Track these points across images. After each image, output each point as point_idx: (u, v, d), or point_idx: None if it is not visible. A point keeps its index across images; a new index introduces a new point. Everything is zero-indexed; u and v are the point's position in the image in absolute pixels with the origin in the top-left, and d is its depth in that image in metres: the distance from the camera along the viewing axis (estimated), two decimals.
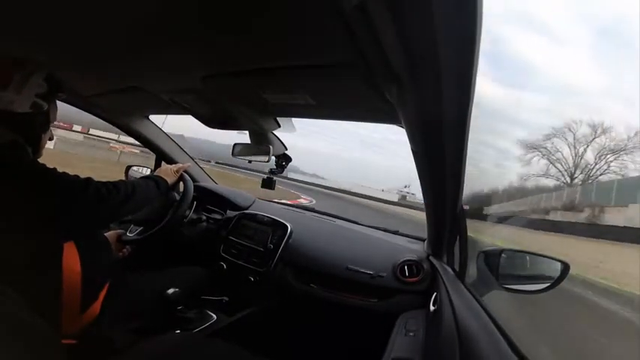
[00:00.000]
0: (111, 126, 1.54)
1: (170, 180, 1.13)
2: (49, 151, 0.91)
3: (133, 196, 0.87)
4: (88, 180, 0.79)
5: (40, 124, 0.81)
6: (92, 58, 0.84)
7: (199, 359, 0.77)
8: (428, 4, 0.35)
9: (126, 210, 0.88)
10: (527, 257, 0.95)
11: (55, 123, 0.87)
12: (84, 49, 0.78)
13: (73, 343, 0.83)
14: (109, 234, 1.21)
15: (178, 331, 1.07)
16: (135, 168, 1.60)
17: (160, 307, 1.09)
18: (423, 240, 1.42)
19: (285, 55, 0.66)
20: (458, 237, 0.97)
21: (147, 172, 1.57)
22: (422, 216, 1.14)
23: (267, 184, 1.39)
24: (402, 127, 0.77)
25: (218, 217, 1.54)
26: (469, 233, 0.96)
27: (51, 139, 0.89)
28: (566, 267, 0.85)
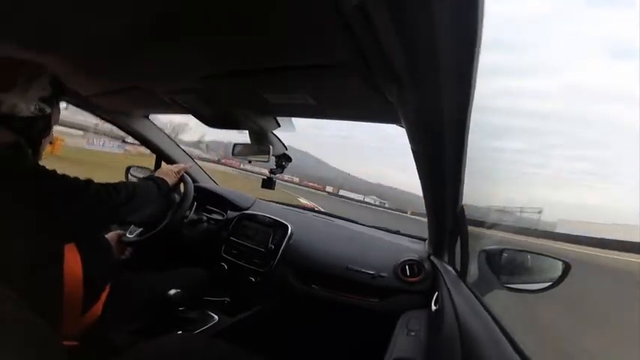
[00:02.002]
0: None
1: (171, 181, 1.12)
2: None
3: (133, 197, 0.87)
4: (88, 182, 0.79)
5: (41, 128, 0.80)
6: (92, 58, 0.84)
7: None
8: (428, 3, 0.35)
9: (126, 211, 0.88)
10: (529, 256, 0.95)
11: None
12: (84, 48, 0.78)
13: (74, 344, 0.83)
14: (110, 235, 1.21)
15: (180, 332, 1.07)
16: (135, 168, 1.60)
17: (162, 309, 1.09)
18: (424, 240, 1.42)
19: (285, 55, 0.66)
20: (459, 236, 0.96)
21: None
22: None
23: (268, 184, 1.39)
24: (402, 127, 0.77)
25: (218, 217, 1.54)
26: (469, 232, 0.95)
27: (51, 142, 0.88)
28: (567, 266, 0.85)
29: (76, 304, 0.82)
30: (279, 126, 1.17)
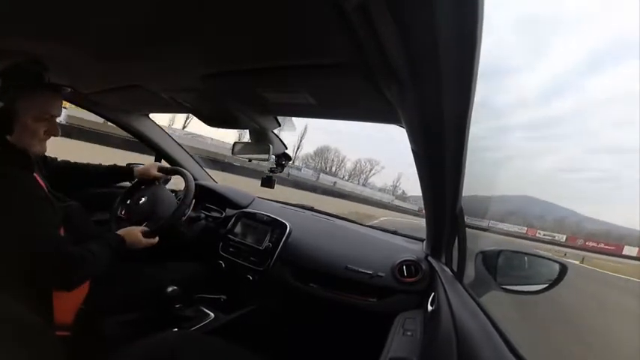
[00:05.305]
0: None
1: (134, 245, 1.01)
2: None
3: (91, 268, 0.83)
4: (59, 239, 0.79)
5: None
6: (92, 56, 0.83)
7: (197, 357, 0.77)
8: (428, 4, 0.35)
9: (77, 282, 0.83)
10: (526, 258, 0.95)
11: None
12: (84, 46, 0.78)
13: (67, 335, 0.83)
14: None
15: (176, 329, 1.07)
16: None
17: (158, 303, 1.09)
18: (422, 240, 1.43)
19: (285, 55, 0.66)
20: (456, 237, 0.97)
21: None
22: None
23: (267, 182, 1.39)
24: (402, 127, 0.77)
25: (217, 215, 1.54)
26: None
27: (55, 135, 0.86)
28: (563, 268, 0.85)
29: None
30: (280, 125, 1.18)
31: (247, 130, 1.26)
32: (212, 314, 1.26)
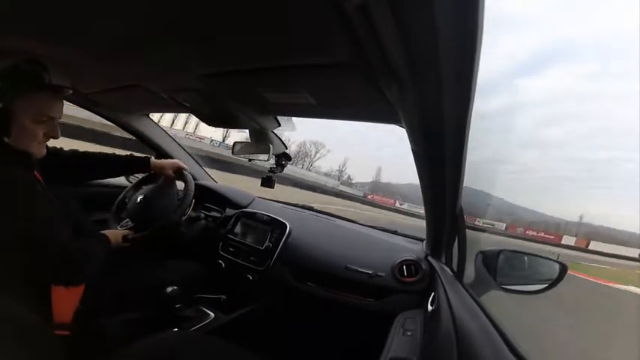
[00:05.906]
0: None
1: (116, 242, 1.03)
2: None
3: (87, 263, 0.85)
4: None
5: None
6: (92, 56, 0.83)
7: (197, 357, 0.77)
8: (428, 4, 0.35)
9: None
10: (525, 258, 0.95)
11: None
12: (84, 46, 0.78)
13: (66, 334, 0.83)
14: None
15: (176, 330, 1.07)
16: None
17: (158, 303, 1.10)
18: (422, 240, 1.43)
19: (285, 55, 0.66)
20: (456, 237, 0.97)
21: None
22: None
23: (267, 182, 1.39)
24: (402, 127, 0.77)
25: (217, 215, 1.54)
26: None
27: (55, 137, 0.86)
28: (563, 268, 0.85)
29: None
30: (280, 125, 1.17)
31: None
32: (212, 314, 1.26)
